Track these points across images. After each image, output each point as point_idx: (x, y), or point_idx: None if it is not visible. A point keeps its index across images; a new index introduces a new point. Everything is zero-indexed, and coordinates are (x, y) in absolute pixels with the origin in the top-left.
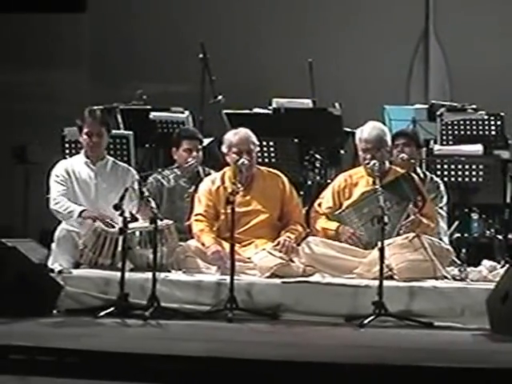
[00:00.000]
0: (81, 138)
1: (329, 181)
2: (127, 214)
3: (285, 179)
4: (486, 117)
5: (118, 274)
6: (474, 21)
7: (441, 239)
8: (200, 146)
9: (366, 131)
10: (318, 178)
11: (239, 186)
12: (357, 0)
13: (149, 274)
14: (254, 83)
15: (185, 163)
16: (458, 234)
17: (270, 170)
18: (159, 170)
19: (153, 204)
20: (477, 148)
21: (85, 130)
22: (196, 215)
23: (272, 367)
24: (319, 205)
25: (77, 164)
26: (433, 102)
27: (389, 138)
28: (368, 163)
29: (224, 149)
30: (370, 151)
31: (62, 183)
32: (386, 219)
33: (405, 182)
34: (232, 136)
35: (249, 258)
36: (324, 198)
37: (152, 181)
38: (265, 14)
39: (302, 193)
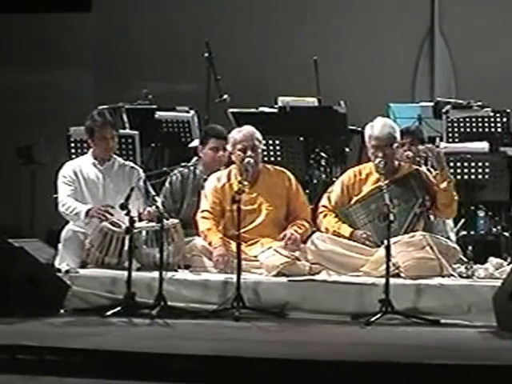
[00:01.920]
0: (90, 139)
1: (334, 179)
2: (133, 214)
3: (291, 176)
4: (491, 114)
5: (125, 273)
6: (480, 18)
7: (448, 237)
8: (227, 146)
9: (376, 128)
10: (323, 176)
11: (246, 183)
12: None
13: (155, 273)
14: (259, 82)
15: (212, 162)
16: (465, 232)
17: (276, 167)
18: (164, 168)
19: (159, 203)
20: (483, 145)
21: (97, 135)
22: (202, 211)
23: (279, 366)
24: (328, 199)
25: (84, 165)
26: (438, 99)
27: (398, 135)
28: (378, 162)
29: (229, 147)
30: (380, 148)
31: (69, 184)
32: (391, 217)
33: (414, 180)
34: (236, 133)
35: (255, 257)
36: (333, 192)
37: (177, 174)
38: (270, 13)
39: (307, 191)
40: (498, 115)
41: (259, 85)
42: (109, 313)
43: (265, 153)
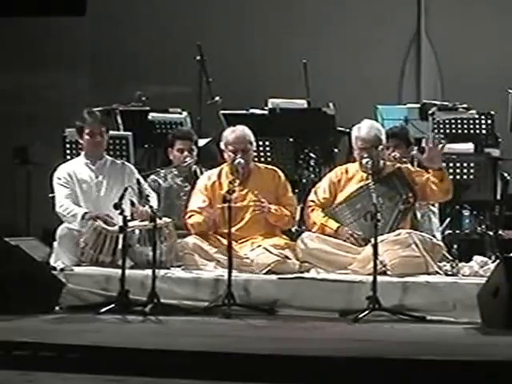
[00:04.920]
0: (81, 139)
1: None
2: (127, 213)
3: (281, 174)
4: (476, 116)
5: (119, 271)
6: (465, 21)
7: (433, 235)
8: (194, 146)
9: (363, 130)
10: (312, 176)
11: (236, 183)
12: (350, 1)
13: (148, 271)
14: (250, 84)
15: (182, 162)
16: (450, 231)
17: (267, 166)
18: (157, 169)
19: (152, 203)
20: (468, 146)
21: (86, 131)
22: (190, 211)
23: (269, 361)
24: (315, 194)
25: (77, 166)
26: (424, 101)
27: (384, 137)
28: (365, 162)
29: (222, 145)
30: (366, 150)
31: (65, 186)
32: (379, 216)
33: (396, 179)
34: (229, 133)
35: (245, 255)
36: (320, 187)
37: (150, 182)
38: (260, 16)
39: (297, 191)
40: (482, 117)
41: (250, 87)
42: (103, 310)
43: (255, 153)
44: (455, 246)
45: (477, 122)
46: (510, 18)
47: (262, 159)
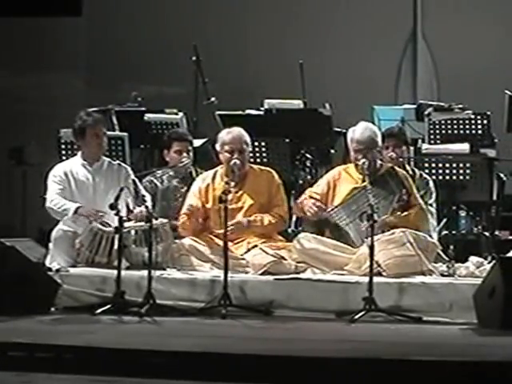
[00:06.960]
0: (80, 140)
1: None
2: (123, 213)
3: (275, 175)
4: (472, 116)
5: (114, 272)
6: (461, 22)
7: (430, 236)
8: (190, 147)
9: (358, 132)
10: (308, 177)
11: (232, 184)
12: (346, 2)
13: (144, 272)
14: (246, 85)
15: (178, 163)
16: (446, 231)
17: (263, 167)
18: (154, 169)
19: (148, 203)
20: (464, 147)
21: (90, 132)
22: (182, 214)
23: (265, 362)
24: (310, 191)
25: (74, 166)
26: (421, 101)
27: (379, 139)
28: (362, 163)
29: (217, 147)
30: (361, 151)
31: (58, 183)
32: (375, 217)
33: (390, 178)
34: (225, 135)
35: (240, 255)
36: (317, 184)
37: (146, 183)
38: (256, 17)
39: (293, 192)
40: (478, 117)
41: (246, 87)
42: (99, 311)
43: (251, 154)
44: (451, 247)
45: (472, 122)
46: (506, 18)
47: (258, 160)
